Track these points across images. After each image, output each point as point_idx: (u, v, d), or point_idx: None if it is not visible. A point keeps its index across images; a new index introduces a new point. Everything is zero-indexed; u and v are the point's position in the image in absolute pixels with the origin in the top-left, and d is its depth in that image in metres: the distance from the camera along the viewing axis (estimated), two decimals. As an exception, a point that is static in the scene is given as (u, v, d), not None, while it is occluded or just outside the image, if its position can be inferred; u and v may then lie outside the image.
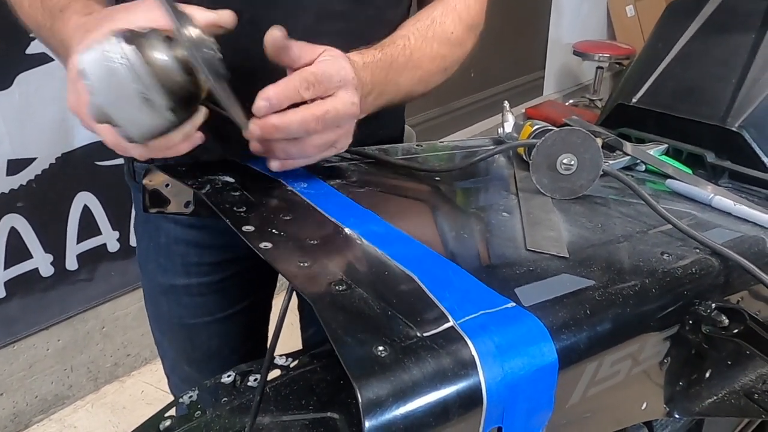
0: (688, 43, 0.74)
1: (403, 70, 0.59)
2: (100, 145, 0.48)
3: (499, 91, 3.13)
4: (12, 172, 1.38)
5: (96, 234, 1.55)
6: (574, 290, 0.39)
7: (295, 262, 0.39)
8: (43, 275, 1.51)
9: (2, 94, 1.29)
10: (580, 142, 0.52)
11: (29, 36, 1.26)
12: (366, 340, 0.31)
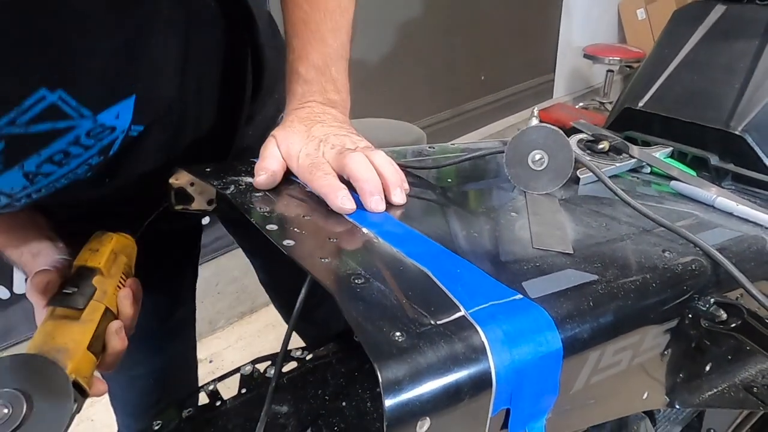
0: (693, 49, 0.76)
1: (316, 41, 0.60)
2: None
3: (510, 93, 3.15)
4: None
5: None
6: (578, 284, 0.41)
7: (317, 258, 0.42)
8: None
9: None
10: (550, 140, 0.55)
11: None
12: (384, 326, 0.34)
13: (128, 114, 0.50)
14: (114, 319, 0.55)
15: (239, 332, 0.92)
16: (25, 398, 0.43)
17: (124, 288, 0.57)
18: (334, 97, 0.59)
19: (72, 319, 0.51)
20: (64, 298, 0.51)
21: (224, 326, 1.80)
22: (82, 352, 0.49)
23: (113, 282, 0.56)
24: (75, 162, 0.50)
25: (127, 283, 0.58)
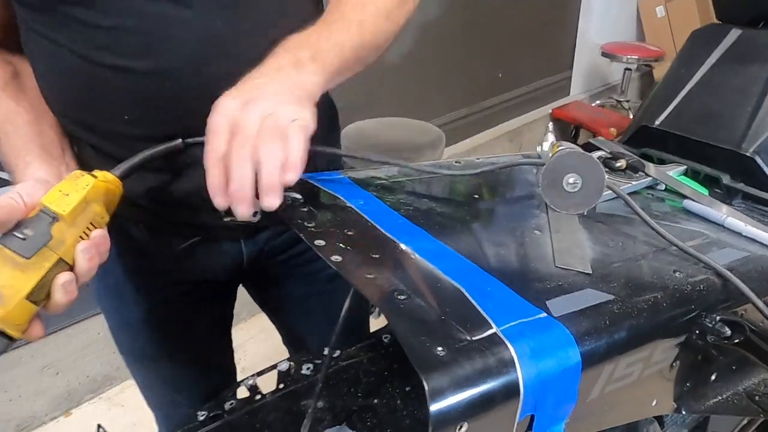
0: (709, 70, 0.80)
1: (336, 27, 0.59)
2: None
3: (527, 91, 3.17)
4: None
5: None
6: (596, 303, 0.46)
7: (363, 274, 0.47)
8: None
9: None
10: (584, 163, 0.59)
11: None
12: (427, 341, 0.39)
13: None
14: (66, 271, 0.52)
15: (261, 324, 0.96)
16: None
17: (87, 240, 0.53)
18: (304, 55, 0.56)
19: (17, 264, 0.49)
20: (15, 241, 0.49)
21: (246, 318, 1.86)
22: (18, 300, 0.48)
23: (76, 232, 0.53)
24: None
25: (92, 236, 0.54)
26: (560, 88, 3.45)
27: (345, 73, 0.60)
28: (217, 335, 0.94)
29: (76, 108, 0.65)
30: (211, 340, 0.92)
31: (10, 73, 0.67)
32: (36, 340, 0.52)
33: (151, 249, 0.74)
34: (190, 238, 0.74)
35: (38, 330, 0.50)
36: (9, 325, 0.47)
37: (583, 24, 3.39)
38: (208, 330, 0.90)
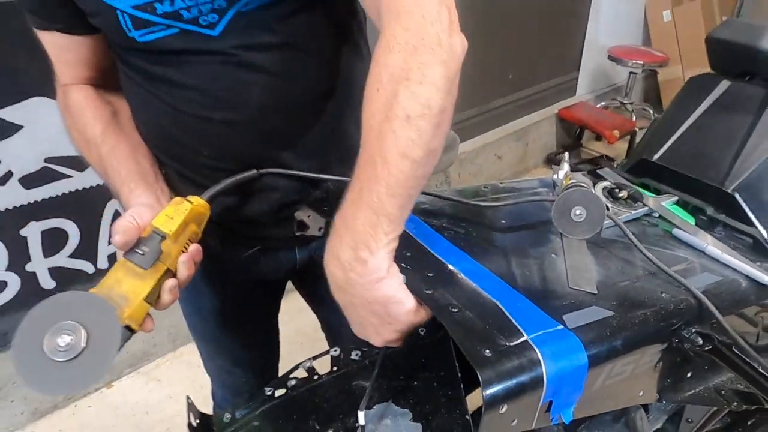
0: (701, 115, 0.94)
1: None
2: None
3: (535, 91, 3.30)
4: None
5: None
6: (599, 318, 0.61)
7: (423, 289, 0.62)
8: (137, 251, 1.77)
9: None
10: (587, 198, 0.73)
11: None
12: (477, 345, 0.54)
13: None
14: (172, 278, 0.66)
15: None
16: (86, 331, 0.55)
17: (186, 253, 0.67)
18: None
19: (137, 274, 0.62)
20: (136, 256, 0.62)
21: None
22: (139, 302, 0.61)
23: (178, 247, 0.67)
24: None
25: (190, 249, 0.68)
26: (567, 88, 3.57)
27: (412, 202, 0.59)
28: (268, 321, 1.10)
29: (164, 142, 0.79)
30: (263, 325, 1.09)
31: (110, 112, 0.81)
32: (148, 331, 0.65)
33: (223, 255, 0.89)
34: (254, 248, 0.89)
35: (150, 324, 0.64)
36: (132, 321, 0.62)
37: (592, 26, 3.49)
38: (262, 317, 1.07)
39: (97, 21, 0.71)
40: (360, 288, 0.57)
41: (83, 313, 0.56)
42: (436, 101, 0.54)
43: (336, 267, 0.58)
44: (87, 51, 0.77)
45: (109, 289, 0.61)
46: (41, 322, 0.56)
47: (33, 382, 0.56)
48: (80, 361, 0.56)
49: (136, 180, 0.75)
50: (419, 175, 0.56)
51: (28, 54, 1.37)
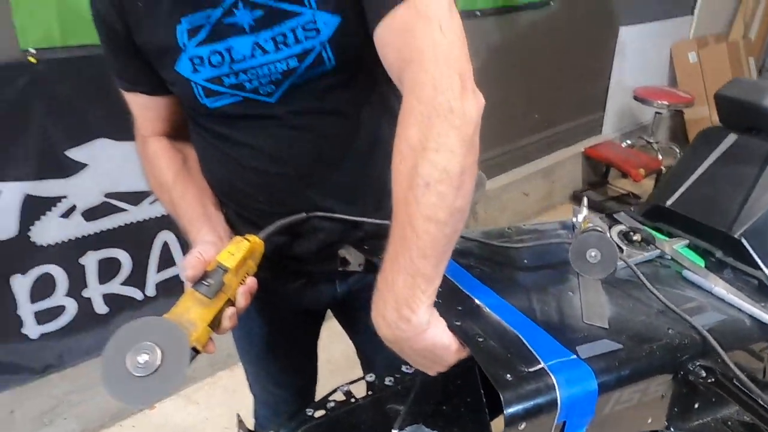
0: (711, 165, 1.02)
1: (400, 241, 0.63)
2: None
3: (561, 130, 3.39)
4: (170, 198, 1.77)
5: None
6: (609, 351, 0.69)
7: (453, 320, 0.71)
8: (181, 279, 1.90)
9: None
10: (601, 242, 0.81)
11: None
12: (500, 370, 0.62)
13: (331, 29, 0.74)
14: (231, 306, 0.76)
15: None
16: (161, 351, 0.64)
17: (244, 285, 0.77)
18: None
19: (203, 302, 0.72)
20: (202, 287, 0.73)
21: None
22: (204, 327, 0.71)
23: (237, 280, 0.77)
24: (283, 52, 0.75)
25: (247, 282, 0.78)
26: (593, 126, 3.65)
27: (446, 258, 0.65)
28: (309, 347, 1.19)
29: (226, 189, 0.91)
30: (304, 350, 1.18)
31: (181, 160, 0.93)
32: (211, 353, 0.75)
33: (272, 287, 0.99)
34: (300, 281, 1.00)
35: (212, 347, 0.74)
36: (198, 343, 0.72)
37: (617, 67, 3.58)
38: (303, 343, 1.17)
39: (175, 89, 0.83)
40: (408, 341, 0.66)
41: (159, 336, 0.66)
42: (454, 165, 0.60)
43: (383, 325, 0.66)
44: (164, 109, 0.90)
45: (179, 316, 0.72)
46: (124, 342, 0.66)
47: (116, 393, 0.66)
48: (155, 377, 0.65)
49: (202, 221, 0.87)
50: (448, 234, 0.62)
51: (94, 101, 1.53)
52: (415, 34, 0.64)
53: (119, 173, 1.65)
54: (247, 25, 0.75)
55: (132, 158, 1.61)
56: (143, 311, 1.82)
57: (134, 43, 0.80)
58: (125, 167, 1.64)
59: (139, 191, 1.71)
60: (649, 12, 3.60)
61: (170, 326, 0.68)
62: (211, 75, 0.78)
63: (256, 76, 0.78)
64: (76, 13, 1.44)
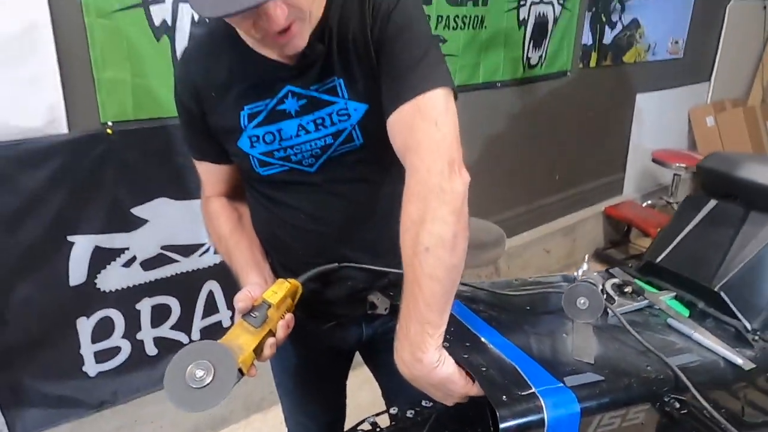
0: (694, 228, 1.17)
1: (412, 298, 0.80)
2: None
3: (581, 190, 3.53)
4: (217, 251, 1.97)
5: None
6: (592, 381, 0.83)
7: (461, 354, 0.85)
8: (223, 326, 2.07)
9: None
10: (589, 292, 0.95)
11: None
12: (499, 393, 0.77)
13: (359, 114, 0.92)
14: (272, 337, 0.91)
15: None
16: (213, 369, 0.77)
17: (283, 319, 0.93)
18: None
19: (250, 331, 0.87)
20: (250, 318, 0.88)
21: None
22: (249, 352, 0.84)
23: (279, 314, 0.92)
24: (321, 132, 0.94)
25: (286, 317, 0.94)
26: (614, 187, 3.78)
27: (448, 305, 0.82)
28: (339, 383, 1.34)
29: (272, 241, 1.09)
30: (334, 385, 1.33)
31: (236, 216, 1.12)
32: (252, 376, 0.89)
33: (308, 326, 1.15)
34: (331, 322, 1.16)
35: (254, 371, 0.89)
36: (243, 365, 0.86)
37: (636, 131, 3.75)
38: (334, 379, 1.32)
39: (236, 159, 1.03)
40: (423, 378, 0.81)
41: (212, 356, 0.80)
42: (447, 232, 0.77)
43: (402, 366, 0.82)
44: (225, 175, 1.10)
45: (230, 341, 0.87)
46: (186, 359, 0.81)
47: (173, 398, 0.79)
48: (208, 389, 0.78)
49: (251, 266, 1.05)
50: (447, 287, 0.79)
51: (157, 165, 1.76)
52: (416, 127, 0.83)
53: (174, 228, 1.86)
54: (294, 111, 0.95)
55: (185, 215, 1.85)
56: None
57: (207, 123, 1.01)
58: (179, 223, 1.86)
59: (190, 244, 1.92)
60: (665, 80, 3.79)
61: (222, 349, 0.82)
62: (265, 150, 0.98)
63: (300, 151, 0.97)
64: (146, 92, 1.69)
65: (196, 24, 1.72)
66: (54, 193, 1.61)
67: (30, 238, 1.60)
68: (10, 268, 1.59)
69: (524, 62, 2.83)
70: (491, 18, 2.57)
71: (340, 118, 0.94)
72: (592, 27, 3.14)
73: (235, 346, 0.85)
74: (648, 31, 3.48)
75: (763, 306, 1.05)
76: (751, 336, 1.02)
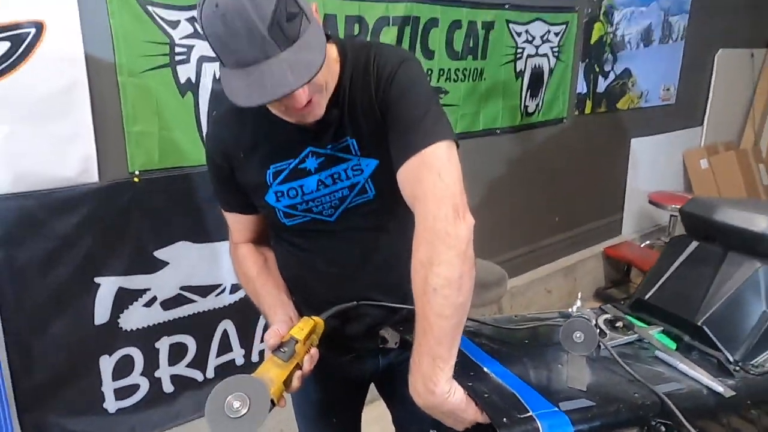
0: (678, 267, 1.27)
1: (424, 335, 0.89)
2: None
3: (581, 231, 3.63)
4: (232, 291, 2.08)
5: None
6: (585, 406, 0.92)
7: (466, 382, 0.95)
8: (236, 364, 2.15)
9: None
10: (584, 326, 1.05)
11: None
12: (501, 416, 0.86)
13: (371, 169, 1.04)
14: (299, 370, 0.99)
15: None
16: (249, 400, 0.85)
17: (309, 354, 1.02)
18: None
19: (279, 365, 0.96)
20: (279, 353, 0.97)
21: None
22: (280, 384, 0.93)
23: (305, 349, 1.02)
24: (337, 185, 1.06)
25: (311, 351, 1.03)
26: (613, 227, 3.89)
27: (457, 340, 0.91)
28: (355, 411, 1.42)
29: (296, 282, 1.20)
30: (350, 414, 1.41)
31: (263, 260, 1.23)
32: (282, 407, 1.00)
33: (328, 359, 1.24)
34: (349, 355, 1.25)
35: (283, 402, 0.99)
36: (275, 396, 0.96)
37: (632, 174, 3.88)
38: (350, 408, 1.40)
39: (263, 211, 1.15)
40: (436, 407, 0.90)
41: (247, 388, 0.90)
42: (453, 273, 0.86)
43: (416, 396, 0.91)
44: (252, 224, 1.22)
45: (262, 375, 0.97)
46: (224, 391, 0.90)
47: (213, 427, 0.89)
48: (244, 419, 0.88)
49: (278, 305, 1.15)
50: (454, 324, 0.88)
51: (179, 210, 1.88)
52: (422, 178, 0.93)
53: (193, 269, 1.97)
54: (314, 168, 1.07)
55: (204, 257, 1.97)
56: (203, 392, 2.06)
57: (236, 180, 1.13)
58: (198, 264, 1.97)
59: (207, 285, 2.02)
60: (659, 125, 3.95)
61: (257, 382, 0.91)
62: (289, 203, 1.10)
63: (320, 203, 1.09)
64: (171, 143, 1.82)
65: (218, 81, 1.87)
66: (83, 237, 1.72)
67: (60, 279, 1.70)
68: (40, 309, 1.69)
69: (522, 110, 2.99)
70: (490, 70, 2.74)
71: (354, 172, 1.06)
72: (586, 76, 3.31)
73: (267, 379, 0.94)
74: (640, 79, 3.66)
75: (742, 339, 1.15)
76: (732, 366, 1.11)
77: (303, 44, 0.85)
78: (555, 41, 3.02)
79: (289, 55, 0.83)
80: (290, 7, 0.83)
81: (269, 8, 0.80)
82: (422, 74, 1.02)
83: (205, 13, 0.82)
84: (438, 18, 2.41)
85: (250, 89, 0.84)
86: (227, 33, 0.81)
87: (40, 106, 1.55)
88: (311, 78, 0.85)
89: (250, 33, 0.80)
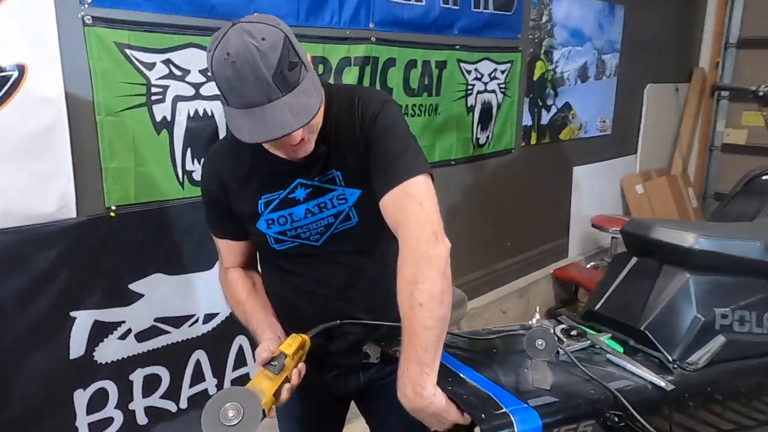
0: (622, 279, 1.44)
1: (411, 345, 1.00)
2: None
3: (531, 254, 3.84)
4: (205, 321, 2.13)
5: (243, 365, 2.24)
6: (550, 402, 1.05)
7: (447, 387, 1.06)
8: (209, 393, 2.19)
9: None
10: (545, 335, 1.19)
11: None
12: (479, 413, 0.98)
13: (354, 198, 1.13)
14: (287, 383, 1.07)
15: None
16: (243, 410, 0.92)
17: (297, 368, 1.10)
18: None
19: (270, 378, 1.02)
20: (270, 367, 1.04)
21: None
22: (270, 395, 0.99)
23: (293, 363, 1.09)
24: (324, 213, 1.15)
25: (299, 366, 1.11)
26: (559, 251, 4.12)
27: (439, 349, 1.02)
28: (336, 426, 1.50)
29: (283, 303, 1.30)
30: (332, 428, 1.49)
31: (251, 283, 1.33)
32: (272, 418, 1.08)
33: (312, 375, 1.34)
34: (333, 372, 1.35)
35: (272, 412, 1.07)
36: (266, 407, 1.03)
37: (575, 200, 4.14)
38: (332, 422, 1.48)
39: (255, 238, 1.25)
40: (423, 409, 1.00)
41: (241, 399, 0.97)
42: (435, 289, 0.98)
43: (405, 400, 1.01)
44: (242, 250, 1.31)
45: (254, 386, 1.05)
46: (219, 401, 0.97)
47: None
48: (237, 428, 0.94)
49: (266, 325, 1.24)
50: (438, 334, 0.99)
51: (153, 243, 1.94)
52: (404, 207, 1.06)
53: (167, 301, 2.01)
54: (302, 198, 1.18)
55: (177, 288, 2.02)
56: (176, 423, 2.09)
57: (230, 208, 1.23)
58: (172, 296, 2.01)
59: (180, 315, 2.07)
60: (598, 154, 4.25)
61: (249, 393, 0.99)
62: (279, 230, 1.20)
63: (308, 230, 1.20)
64: (147, 178, 1.89)
65: (191, 119, 1.96)
66: (60, 271, 1.75)
67: (37, 314, 1.72)
68: (17, 344, 1.70)
69: (474, 142, 3.19)
70: (443, 105, 2.93)
71: (339, 201, 1.18)
72: (531, 110, 3.56)
73: (259, 391, 1.02)
74: (579, 112, 3.95)
75: (679, 340, 1.32)
76: (671, 365, 1.27)
77: (302, 90, 0.97)
78: (502, 78, 3.26)
79: (289, 99, 0.95)
80: (291, 57, 0.95)
81: (274, 58, 0.92)
82: (401, 115, 1.16)
83: (216, 59, 0.93)
84: (395, 58, 2.59)
85: (254, 128, 0.95)
86: (236, 78, 0.92)
87: (21, 145, 1.60)
88: (310, 120, 0.97)
89: (257, 79, 0.92)
